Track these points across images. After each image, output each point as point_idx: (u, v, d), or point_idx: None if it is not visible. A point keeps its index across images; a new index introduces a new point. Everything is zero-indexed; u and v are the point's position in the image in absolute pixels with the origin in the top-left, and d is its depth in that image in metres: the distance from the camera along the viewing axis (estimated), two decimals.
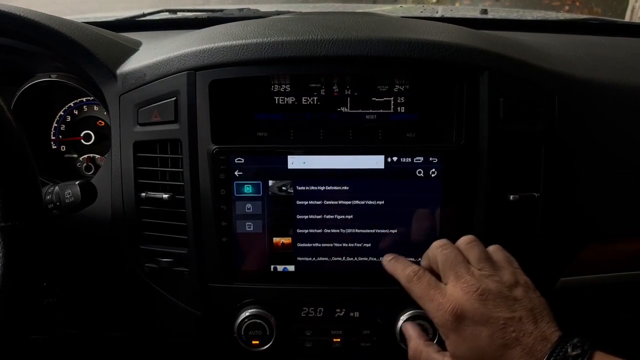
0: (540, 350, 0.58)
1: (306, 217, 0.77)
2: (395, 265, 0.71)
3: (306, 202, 0.77)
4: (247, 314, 0.78)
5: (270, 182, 0.76)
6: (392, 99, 0.79)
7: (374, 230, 0.77)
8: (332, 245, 0.78)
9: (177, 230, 0.79)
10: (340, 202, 0.77)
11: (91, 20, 1.10)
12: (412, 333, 0.73)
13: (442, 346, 0.66)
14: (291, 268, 0.79)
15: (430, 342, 0.70)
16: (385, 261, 0.73)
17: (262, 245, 0.78)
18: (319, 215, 0.77)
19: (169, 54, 0.78)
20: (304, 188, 0.76)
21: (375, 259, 0.78)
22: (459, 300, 0.62)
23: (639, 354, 0.62)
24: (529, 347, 0.59)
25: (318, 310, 0.80)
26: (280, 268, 0.79)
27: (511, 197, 0.76)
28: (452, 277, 0.64)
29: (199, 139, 0.76)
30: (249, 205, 0.77)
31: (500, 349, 0.60)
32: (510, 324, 0.60)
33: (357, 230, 0.77)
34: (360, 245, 0.78)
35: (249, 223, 0.78)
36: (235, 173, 0.76)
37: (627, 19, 2.97)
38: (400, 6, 1.47)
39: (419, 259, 0.75)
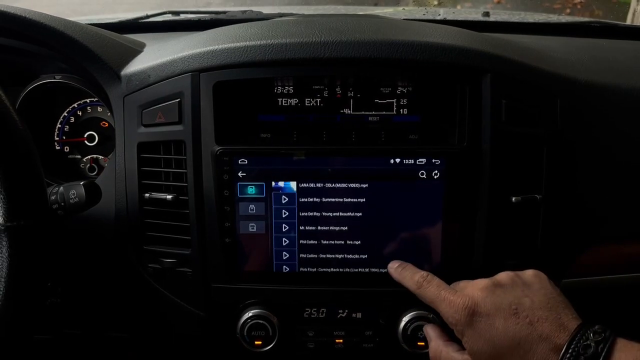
0: (559, 337, 0.57)
1: (309, 218, 0.77)
2: (403, 273, 0.72)
3: (309, 204, 0.77)
4: (250, 314, 0.79)
5: (274, 184, 0.77)
6: (394, 100, 0.79)
7: (376, 232, 0.78)
8: (335, 246, 0.78)
9: (180, 231, 0.79)
10: (342, 203, 0.77)
11: (94, 21, 1.11)
12: (432, 334, 0.73)
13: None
14: (294, 269, 0.79)
15: (451, 342, 0.69)
16: (392, 269, 0.74)
17: (265, 246, 0.78)
18: (322, 216, 0.77)
19: (173, 56, 0.79)
20: (307, 189, 0.77)
21: (378, 260, 0.78)
22: (471, 295, 0.63)
23: None
24: (546, 334, 0.58)
25: (321, 311, 0.81)
26: (283, 269, 0.79)
27: (513, 199, 0.76)
28: (464, 281, 0.66)
29: (203, 140, 0.76)
30: (252, 206, 0.77)
31: (515, 338, 0.59)
32: (522, 309, 0.60)
33: (359, 231, 0.78)
34: (363, 246, 0.78)
35: (252, 224, 0.78)
36: (239, 174, 0.76)
37: (628, 21, 2.97)
38: (403, 9, 1.47)
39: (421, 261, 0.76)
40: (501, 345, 0.59)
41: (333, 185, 0.77)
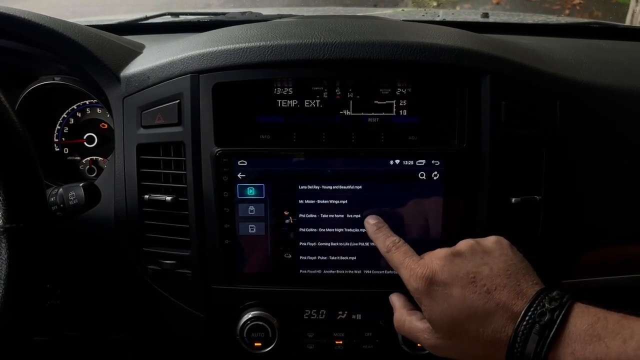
0: (516, 305, 0.57)
1: (309, 219, 0.77)
2: (377, 234, 0.72)
3: (309, 205, 0.77)
4: (250, 316, 0.79)
5: (273, 185, 0.77)
6: (394, 102, 0.79)
7: None
8: (335, 247, 0.78)
9: (180, 233, 0.79)
10: (342, 204, 0.77)
11: (94, 23, 1.10)
12: (396, 303, 0.73)
13: None
14: (294, 270, 0.79)
15: (414, 311, 0.69)
16: (367, 224, 0.74)
17: (264, 247, 0.78)
18: (321, 217, 0.77)
19: (173, 57, 0.79)
20: (306, 191, 0.77)
21: (377, 262, 0.78)
22: (431, 264, 0.63)
23: None
24: (503, 303, 0.57)
25: (320, 313, 0.80)
26: (282, 270, 0.79)
27: (513, 200, 0.76)
28: (428, 253, 0.66)
29: (202, 142, 0.76)
30: (251, 208, 0.77)
31: (472, 306, 0.58)
32: (479, 277, 0.59)
33: (359, 233, 0.77)
34: (363, 247, 0.78)
35: (252, 225, 0.78)
36: (238, 175, 0.76)
37: (627, 22, 2.98)
38: (402, 10, 1.47)
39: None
40: (458, 313, 0.59)
41: (332, 186, 0.77)
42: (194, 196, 0.77)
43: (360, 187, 0.76)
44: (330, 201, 0.77)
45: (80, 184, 0.73)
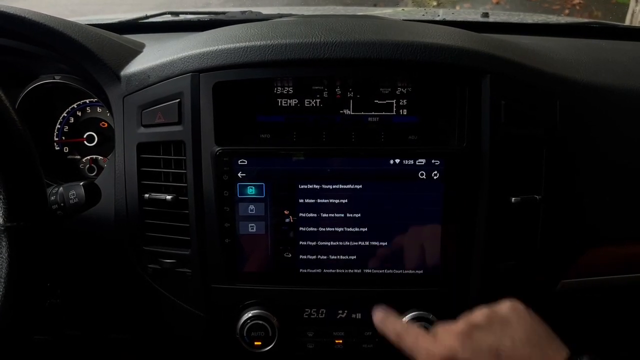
0: None
1: (309, 219, 0.77)
2: (384, 323, 0.68)
3: (309, 204, 0.77)
4: (250, 315, 0.79)
5: (273, 184, 0.77)
6: (394, 101, 0.79)
7: (375, 232, 0.78)
8: (335, 246, 0.78)
9: (180, 232, 0.79)
10: (342, 203, 0.77)
11: (93, 22, 1.10)
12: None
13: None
14: (294, 270, 0.79)
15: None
16: (375, 320, 0.70)
17: (265, 246, 0.78)
18: (321, 217, 0.77)
19: (173, 56, 0.79)
20: (306, 190, 0.77)
21: (377, 261, 0.78)
22: (449, 342, 0.59)
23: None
24: None
25: (320, 312, 0.81)
26: (282, 270, 0.79)
27: (513, 199, 0.76)
28: (442, 326, 0.62)
29: (203, 141, 0.76)
30: (252, 207, 0.77)
31: None
32: (503, 350, 0.56)
33: (359, 232, 0.78)
34: (363, 246, 0.78)
35: (252, 224, 0.78)
36: (239, 174, 0.76)
37: (627, 22, 2.98)
38: (402, 9, 1.47)
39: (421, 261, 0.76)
40: None
41: (332, 186, 0.77)
42: (194, 195, 0.77)
43: (360, 186, 0.76)
44: (330, 200, 0.77)
45: (81, 183, 0.73)
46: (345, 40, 0.75)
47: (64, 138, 0.96)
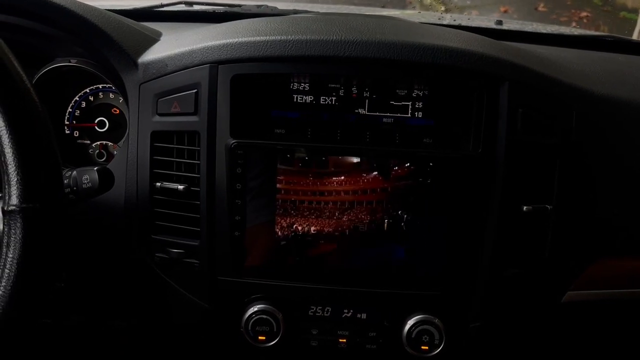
0: None
1: (320, 216, 0.77)
2: None
3: (321, 202, 0.77)
4: (255, 309, 0.79)
5: (285, 180, 0.76)
6: (410, 103, 0.79)
7: (386, 233, 0.78)
8: (344, 245, 0.78)
9: (189, 222, 0.79)
10: (355, 203, 0.77)
11: (108, 7, 1.10)
12: None
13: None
14: (302, 266, 0.79)
15: None
16: None
17: (273, 241, 0.78)
18: (333, 215, 0.77)
19: (192, 46, 0.78)
20: (319, 187, 0.77)
21: (385, 261, 0.78)
22: None
23: None
24: None
25: (326, 310, 0.81)
26: (291, 265, 0.79)
27: (524, 207, 0.76)
28: None
29: (218, 133, 0.76)
30: (263, 201, 0.77)
31: None
32: None
33: (367, 232, 0.78)
34: (371, 247, 0.78)
35: (262, 219, 0.78)
36: (252, 168, 0.76)
37: (635, 36, 2.98)
38: (419, 12, 1.47)
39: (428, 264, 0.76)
40: None
41: (344, 185, 0.76)
42: (206, 186, 0.77)
43: (373, 187, 0.76)
44: (343, 199, 0.77)
45: (95, 168, 0.73)
46: (366, 40, 0.75)
47: (74, 122, 0.96)
